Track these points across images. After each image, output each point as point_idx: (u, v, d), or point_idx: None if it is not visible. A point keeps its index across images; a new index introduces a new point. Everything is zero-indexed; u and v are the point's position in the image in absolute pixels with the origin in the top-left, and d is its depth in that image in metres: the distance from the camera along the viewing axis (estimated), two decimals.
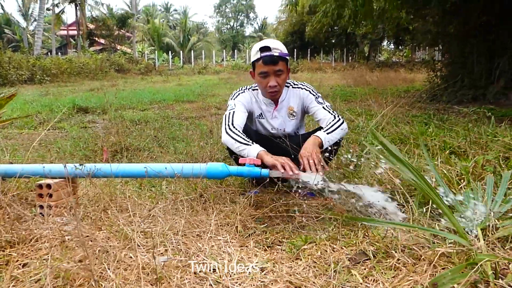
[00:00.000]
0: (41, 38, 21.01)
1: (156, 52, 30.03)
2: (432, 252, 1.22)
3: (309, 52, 25.96)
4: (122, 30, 30.54)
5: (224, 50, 37.95)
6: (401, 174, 1.31)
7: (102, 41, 30.41)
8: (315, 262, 1.31)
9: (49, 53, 26.52)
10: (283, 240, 1.54)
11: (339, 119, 2.03)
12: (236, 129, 1.99)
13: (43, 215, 1.76)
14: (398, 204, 1.68)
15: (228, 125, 2.01)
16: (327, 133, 1.94)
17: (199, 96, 9.57)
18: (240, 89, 2.27)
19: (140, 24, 36.36)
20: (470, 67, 6.85)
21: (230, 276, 1.24)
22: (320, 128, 2.07)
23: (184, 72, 23.08)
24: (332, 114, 2.07)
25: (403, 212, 1.57)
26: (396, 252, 1.26)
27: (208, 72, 22.80)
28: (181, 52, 33.07)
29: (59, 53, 26.86)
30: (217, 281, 1.21)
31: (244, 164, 1.76)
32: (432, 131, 3.53)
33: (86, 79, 17.49)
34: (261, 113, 2.24)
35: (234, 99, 2.20)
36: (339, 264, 1.26)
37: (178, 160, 3.27)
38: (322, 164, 1.75)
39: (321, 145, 1.90)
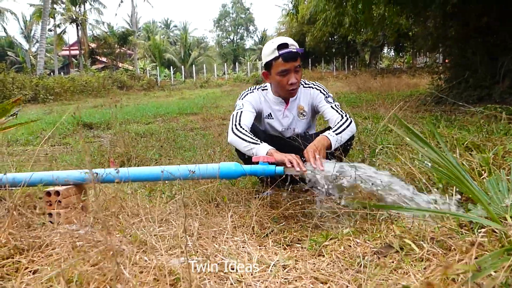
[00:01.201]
0: (44, 58, 21.22)
1: (157, 68, 30.27)
2: (462, 242, 1.16)
3: (310, 62, 26.05)
4: (123, 48, 30.83)
5: (225, 64, 38.18)
6: (424, 160, 1.25)
7: (103, 59, 30.70)
8: (338, 257, 1.25)
9: (51, 73, 26.78)
10: (302, 238, 1.48)
11: (347, 119, 1.98)
12: (243, 128, 1.94)
13: (52, 223, 1.71)
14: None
15: (235, 124, 1.97)
16: (336, 134, 1.89)
17: (203, 108, 9.56)
18: (249, 89, 2.23)
19: (141, 41, 36.74)
20: (474, 68, 6.81)
21: (252, 275, 1.18)
22: (329, 128, 2.02)
23: (186, 86, 23.18)
24: (340, 113, 2.03)
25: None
26: (424, 243, 1.20)
27: (210, 86, 22.89)
28: (182, 67, 33.29)
29: (62, 73, 27.10)
30: (238, 280, 1.15)
31: (257, 163, 1.71)
32: (442, 130, 3.47)
33: (90, 97, 17.58)
34: (270, 113, 2.19)
35: (242, 99, 2.16)
36: (365, 258, 1.20)
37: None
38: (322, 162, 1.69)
39: (329, 146, 1.85)
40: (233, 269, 1.23)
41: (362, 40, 19.10)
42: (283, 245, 1.43)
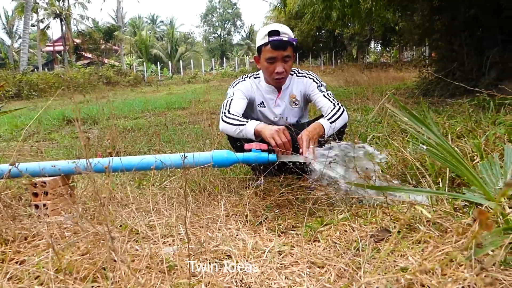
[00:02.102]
0: (27, 54, 20.78)
1: (144, 63, 29.90)
2: (458, 224, 1.16)
3: (297, 57, 26.05)
4: (109, 43, 30.38)
5: (212, 59, 37.96)
6: (419, 144, 1.24)
7: (89, 55, 30.21)
8: (335, 242, 1.24)
9: (35, 69, 26.25)
10: (297, 225, 1.46)
11: (340, 108, 1.97)
12: (232, 114, 1.90)
13: (39, 215, 1.66)
14: (410, 184, 1.62)
15: (224, 112, 1.94)
16: (330, 122, 1.87)
17: (191, 102, 9.48)
18: (241, 77, 2.20)
19: (127, 37, 36.23)
20: (460, 60, 6.88)
21: (247, 261, 1.15)
22: (322, 116, 2.00)
23: (173, 82, 22.96)
24: (332, 102, 2.01)
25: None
26: (420, 225, 1.19)
27: (198, 81, 22.72)
28: (169, 62, 33.00)
29: (46, 69, 26.59)
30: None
31: (250, 150, 1.68)
32: (432, 119, 3.49)
33: (75, 93, 17.29)
34: (262, 101, 2.16)
35: (233, 87, 2.13)
36: (362, 242, 1.19)
37: None
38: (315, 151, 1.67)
39: (323, 134, 1.83)
40: (228, 255, 1.20)
41: (349, 34, 19.16)
42: (277, 232, 1.40)
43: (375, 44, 28.24)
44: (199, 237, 1.36)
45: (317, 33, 25.05)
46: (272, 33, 1.93)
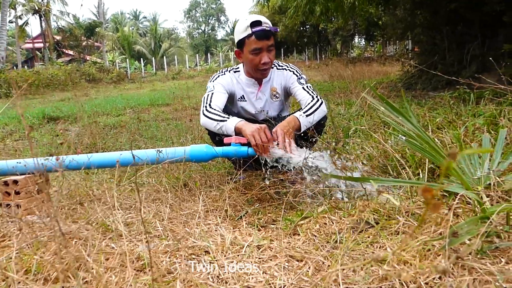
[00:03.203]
0: (4, 52, 20.23)
1: (127, 60, 29.47)
2: (436, 214, 1.15)
3: (282, 52, 26.04)
4: (90, 40, 29.86)
5: (197, 55, 37.65)
6: (398, 135, 1.23)
7: (70, 52, 29.64)
8: (314, 235, 1.22)
9: (14, 67, 25.61)
10: (277, 218, 1.44)
11: (317, 100, 1.94)
12: (214, 108, 1.87)
13: (10, 214, 1.61)
14: (391, 175, 1.62)
15: (205, 106, 1.90)
16: (306, 115, 1.85)
17: (175, 99, 9.38)
18: (220, 71, 2.16)
19: (109, 33, 35.64)
20: (442, 54, 6.95)
21: (225, 256, 1.13)
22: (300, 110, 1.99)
23: (157, 78, 22.69)
24: (311, 95, 1.99)
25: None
26: (399, 216, 1.18)
27: (182, 77, 22.50)
28: (153, 59, 32.60)
29: (25, 67, 26.00)
30: (210, 262, 1.10)
31: (229, 144, 1.65)
32: (414, 111, 3.51)
33: (56, 91, 16.95)
34: (243, 95, 2.13)
35: (213, 81, 2.09)
36: (341, 234, 1.17)
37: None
38: (291, 145, 1.64)
39: (299, 128, 1.80)
40: (206, 251, 1.17)
41: (333, 29, 19.21)
42: (257, 227, 1.38)
43: (359, 39, 28.42)
44: (177, 234, 1.33)
45: (301, 28, 25.05)
46: (254, 23, 1.90)
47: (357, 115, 4.12)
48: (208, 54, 41.32)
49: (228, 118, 1.77)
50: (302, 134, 1.82)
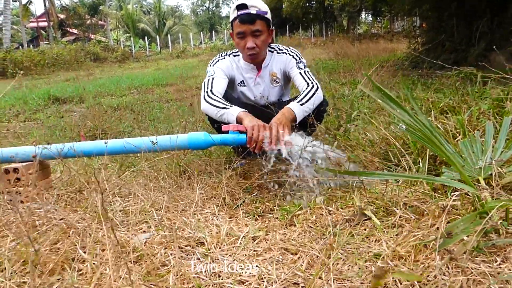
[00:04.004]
0: (10, 31, 20.15)
1: (132, 38, 29.20)
2: (435, 206, 1.13)
3: (287, 29, 25.58)
4: (94, 18, 29.55)
5: (201, 33, 37.16)
6: (399, 123, 1.20)
7: (74, 31, 29.41)
8: (310, 227, 1.21)
9: (20, 46, 25.51)
10: (275, 208, 1.43)
11: (313, 86, 1.88)
12: (215, 95, 1.84)
13: (11, 202, 1.62)
14: (391, 162, 1.59)
15: (207, 92, 1.87)
16: (301, 104, 1.80)
17: (179, 78, 9.32)
18: (220, 55, 2.12)
19: (113, 11, 35.20)
20: (450, 31, 6.79)
21: (220, 248, 1.13)
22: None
23: (162, 57, 22.50)
24: (307, 81, 1.93)
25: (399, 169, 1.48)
26: (397, 208, 1.17)
27: (187, 56, 22.29)
28: (157, 37, 32.27)
29: (31, 46, 25.87)
30: (205, 254, 1.10)
31: (228, 132, 1.63)
32: (418, 93, 3.45)
33: (61, 70, 16.91)
34: (242, 80, 2.10)
35: (213, 65, 2.05)
36: (336, 226, 1.16)
37: None
38: (284, 139, 1.60)
39: (294, 118, 1.76)
40: (201, 242, 1.18)
41: (340, 5, 18.76)
42: (254, 216, 1.38)
43: (366, 15, 27.77)
44: (174, 222, 1.33)
45: (307, 4, 24.51)
46: (239, 7, 1.85)
47: (361, 96, 4.06)
48: (213, 31, 40.76)
49: (231, 106, 1.74)
50: (299, 123, 1.78)
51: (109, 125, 3.91)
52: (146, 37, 29.38)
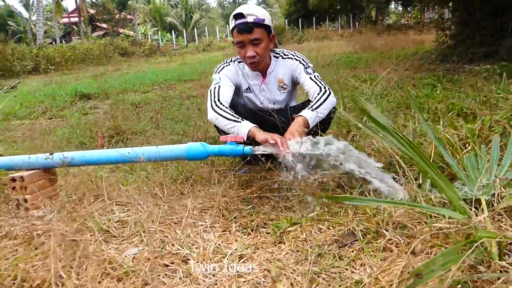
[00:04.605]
0: (43, 27, 20.84)
1: (159, 32, 29.61)
2: (428, 229, 1.08)
3: (314, 21, 25.16)
4: (123, 13, 30.10)
5: (227, 25, 37.16)
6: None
7: (104, 25, 30.09)
8: (299, 245, 1.19)
9: (53, 42, 26.36)
10: (268, 222, 1.41)
11: (325, 91, 1.85)
12: (223, 105, 1.83)
13: (18, 209, 1.68)
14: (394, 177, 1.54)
15: (214, 101, 1.86)
16: (312, 110, 1.77)
17: (202, 74, 9.37)
18: (225, 61, 2.10)
19: (141, 5, 35.76)
20: (480, 23, 6.48)
21: (204, 267, 1.12)
22: (308, 102, 1.91)
23: (188, 51, 22.69)
24: (319, 85, 1.90)
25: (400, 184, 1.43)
26: (387, 231, 1.12)
27: (213, 49, 22.39)
28: (184, 31, 32.55)
29: (63, 41, 26.69)
30: (189, 273, 1.09)
31: (226, 142, 1.62)
32: (439, 93, 3.32)
33: (91, 65, 17.35)
34: (248, 87, 2.08)
35: (218, 73, 2.04)
36: (324, 247, 1.13)
37: (173, 142, 3.16)
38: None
39: (308, 125, 1.74)
40: (188, 259, 1.17)
41: None
42: (247, 230, 1.36)
43: (396, 5, 26.90)
44: (166, 236, 1.34)
45: None
46: (236, 16, 1.83)
47: (381, 94, 3.94)
48: None
49: (242, 120, 1.73)
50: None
51: (127, 124, 3.98)
52: (173, 31, 29.71)
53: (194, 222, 1.45)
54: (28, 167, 1.74)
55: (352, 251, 1.10)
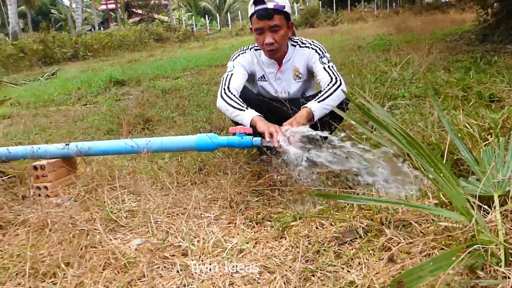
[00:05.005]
0: (81, 15, 21.45)
1: (193, 17, 29.75)
2: (434, 227, 1.03)
3: (349, 2, 24.36)
4: None
5: None
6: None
7: (139, 11, 30.57)
8: (299, 241, 1.17)
9: (92, 28, 27.13)
10: (274, 215, 1.40)
11: (336, 82, 1.78)
12: (232, 93, 1.81)
13: (40, 196, 1.76)
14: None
15: (224, 88, 1.85)
16: (318, 102, 1.71)
17: None
18: (241, 49, 2.08)
19: None
20: None
21: (202, 261, 1.13)
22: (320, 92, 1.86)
23: (221, 35, 22.66)
24: (330, 76, 1.83)
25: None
26: (389, 229, 1.08)
27: (246, 34, 22.23)
28: (217, 15, 32.51)
29: (102, 28, 27.40)
30: (186, 266, 1.10)
31: (235, 134, 1.61)
32: (472, 77, 3.13)
33: (126, 52, 17.73)
34: (263, 75, 2.04)
35: (233, 60, 2.02)
36: (324, 244, 1.11)
37: (196, 129, 3.19)
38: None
39: (312, 117, 1.68)
40: (186, 254, 1.18)
41: None
42: (252, 223, 1.36)
43: None
44: (171, 227, 1.36)
45: None
46: (256, 2, 1.78)
47: (410, 79, 3.78)
48: None
49: (246, 108, 1.71)
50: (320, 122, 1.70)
51: (154, 111, 4.06)
52: (207, 16, 29.76)
53: (200, 214, 1.46)
54: (46, 156, 1.81)
55: (352, 249, 1.06)
